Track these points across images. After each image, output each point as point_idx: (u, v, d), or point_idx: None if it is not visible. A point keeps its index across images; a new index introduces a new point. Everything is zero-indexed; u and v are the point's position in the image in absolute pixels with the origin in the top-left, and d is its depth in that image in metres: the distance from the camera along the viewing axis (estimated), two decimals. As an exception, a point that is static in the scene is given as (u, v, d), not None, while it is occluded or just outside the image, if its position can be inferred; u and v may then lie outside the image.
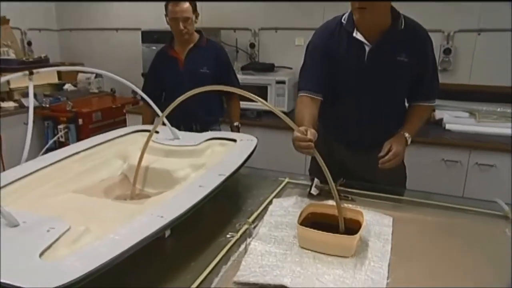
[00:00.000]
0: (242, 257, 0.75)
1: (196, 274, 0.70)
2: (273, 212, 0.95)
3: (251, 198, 1.05)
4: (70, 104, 2.43)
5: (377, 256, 0.76)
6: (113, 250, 0.58)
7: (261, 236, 0.83)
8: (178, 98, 0.91)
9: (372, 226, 0.88)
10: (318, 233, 0.76)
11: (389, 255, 0.77)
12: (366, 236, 0.83)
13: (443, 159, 1.83)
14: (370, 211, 0.94)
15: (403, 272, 0.72)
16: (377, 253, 0.77)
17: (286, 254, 0.76)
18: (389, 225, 0.89)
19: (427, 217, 0.94)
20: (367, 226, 0.87)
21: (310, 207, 0.87)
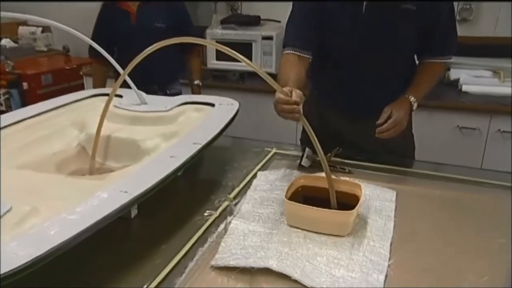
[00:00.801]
0: (222, 238, 0.77)
1: (168, 258, 0.72)
2: (258, 187, 0.97)
3: (232, 171, 1.06)
4: (11, 64, 2.33)
5: (377, 235, 0.78)
6: (66, 232, 0.58)
7: (243, 214, 0.85)
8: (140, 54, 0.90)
9: (372, 201, 0.90)
10: (309, 209, 0.78)
11: (392, 234, 0.79)
12: (365, 212, 0.85)
13: (459, 126, 1.86)
14: (370, 185, 0.96)
15: (407, 252, 0.75)
16: (377, 232, 0.79)
17: (272, 234, 0.78)
18: (391, 200, 0.91)
19: (437, 191, 0.96)
20: (366, 201, 0.89)
21: (300, 180, 0.88)
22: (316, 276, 0.67)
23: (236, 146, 1.32)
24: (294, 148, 1.21)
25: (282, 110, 0.86)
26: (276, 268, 0.67)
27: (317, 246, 0.74)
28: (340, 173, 1.03)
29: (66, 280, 0.67)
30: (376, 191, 0.94)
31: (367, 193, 0.92)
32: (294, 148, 1.20)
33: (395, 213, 0.86)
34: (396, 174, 1.05)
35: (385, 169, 1.07)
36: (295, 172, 1.03)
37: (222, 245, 0.75)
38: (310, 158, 1.07)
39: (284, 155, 1.17)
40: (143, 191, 0.71)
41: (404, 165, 1.11)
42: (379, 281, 0.66)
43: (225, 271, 0.69)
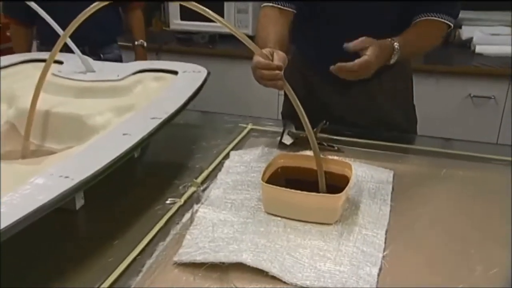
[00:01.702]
0: (187, 230, 0.78)
1: (121, 255, 0.72)
2: (231, 169, 0.98)
3: (200, 151, 1.07)
4: None
5: (370, 222, 0.81)
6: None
7: (213, 201, 0.86)
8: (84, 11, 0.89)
9: (365, 183, 0.92)
10: (289, 193, 0.79)
11: (387, 221, 0.81)
12: (356, 196, 0.88)
13: (471, 95, 1.90)
14: (363, 164, 0.99)
15: (405, 242, 0.77)
16: (371, 218, 0.82)
17: (247, 223, 0.79)
18: (388, 182, 0.93)
19: (442, 170, 0.99)
20: (358, 183, 0.91)
21: (280, 159, 0.90)
22: (298, 270, 0.69)
23: (205, 121, 1.33)
24: (273, 123, 1.22)
25: (261, 76, 0.87)
26: (251, 262, 0.69)
27: (299, 237, 0.76)
28: (327, 151, 1.05)
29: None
30: (370, 171, 0.96)
31: (359, 174, 0.94)
32: (274, 124, 1.22)
33: (392, 197, 0.89)
34: (393, 152, 1.08)
35: (380, 146, 1.09)
36: (274, 151, 1.05)
37: (187, 238, 0.76)
38: (293, 135, 1.08)
39: (262, 131, 1.18)
40: (89, 176, 0.71)
41: (403, 141, 1.13)
42: (372, 275, 0.69)
43: (190, 268, 0.70)
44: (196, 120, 1.31)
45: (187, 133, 1.20)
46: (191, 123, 1.27)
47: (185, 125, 1.23)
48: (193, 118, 1.29)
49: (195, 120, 1.30)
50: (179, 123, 1.12)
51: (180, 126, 1.20)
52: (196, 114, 1.32)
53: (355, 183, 0.91)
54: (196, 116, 1.32)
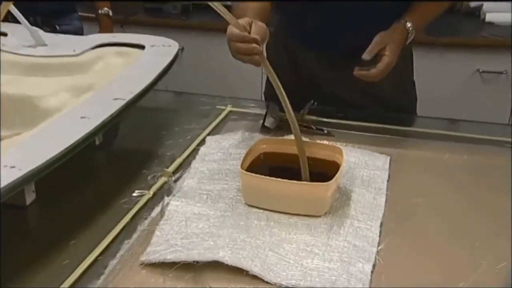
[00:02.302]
0: (156, 225, 0.78)
1: (80, 256, 0.72)
2: (207, 156, 0.98)
3: (171, 137, 1.07)
4: None
5: (364, 213, 0.82)
6: None
7: (186, 193, 0.86)
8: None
9: (359, 170, 0.93)
10: (272, 182, 0.80)
11: (383, 212, 0.83)
12: (348, 184, 0.88)
13: (479, 70, 1.92)
14: (356, 149, 1.00)
15: (402, 235, 0.78)
16: (364, 209, 0.83)
17: (224, 217, 0.80)
18: (384, 168, 0.94)
19: (445, 155, 1.00)
20: (350, 170, 0.92)
21: (262, 145, 0.90)
22: (282, 269, 0.69)
23: (177, 103, 1.32)
24: (255, 104, 1.23)
25: (237, 50, 0.86)
26: (229, 260, 0.69)
27: (284, 231, 0.77)
28: (316, 135, 1.06)
29: None
30: (363, 157, 0.97)
31: (351, 159, 0.95)
32: (255, 105, 1.22)
33: (387, 185, 0.90)
34: (390, 135, 1.09)
35: (376, 128, 1.10)
36: (256, 135, 1.05)
37: (157, 234, 0.76)
38: (277, 117, 1.09)
39: (243, 114, 1.18)
40: (40, 165, 0.70)
41: (401, 122, 1.15)
42: (365, 272, 0.69)
43: (160, 269, 0.70)
44: (167, 101, 1.30)
45: (157, 117, 1.20)
46: (161, 105, 1.27)
47: (154, 108, 1.23)
48: (163, 100, 1.29)
49: (166, 102, 1.30)
50: (147, 106, 1.12)
51: (149, 108, 1.19)
52: (166, 95, 1.32)
53: (346, 170, 0.91)
54: (167, 97, 1.32)
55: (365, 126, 1.11)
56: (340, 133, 1.08)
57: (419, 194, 0.88)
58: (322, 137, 1.05)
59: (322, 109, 1.12)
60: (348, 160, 0.94)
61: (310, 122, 1.09)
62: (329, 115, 1.13)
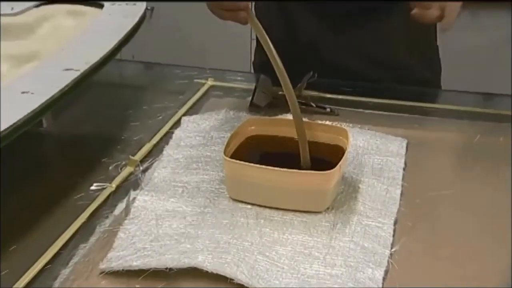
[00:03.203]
0: (120, 226, 0.78)
1: (22, 266, 0.71)
2: (182, 141, 0.98)
3: (139, 117, 1.07)
4: None
5: (374, 208, 0.82)
6: None
7: (157, 185, 0.87)
8: None
9: (368, 157, 0.93)
10: (263, 171, 0.79)
11: (397, 207, 0.83)
12: (355, 173, 0.89)
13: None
14: (366, 130, 1.00)
15: (421, 234, 0.78)
16: (374, 204, 0.83)
17: (204, 214, 0.80)
18: (399, 154, 0.95)
19: (476, 137, 1.01)
20: (358, 156, 0.92)
21: (250, 126, 0.90)
22: (274, 276, 0.69)
23: (146, 76, 1.32)
24: (243, 77, 1.23)
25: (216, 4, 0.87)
26: (210, 266, 0.69)
27: (276, 230, 0.77)
28: (317, 114, 1.06)
29: None
30: (374, 140, 0.97)
31: (359, 143, 0.95)
32: (242, 78, 1.23)
33: (404, 175, 0.90)
34: (407, 113, 1.09)
35: (389, 105, 1.11)
36: (243, 115, 1.05)
37: (121, 237, 0.76)
38: (269, 93, 1.09)
39: (227, 89, 1.19)
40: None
41: (421, 97, 1.15)
42: (375, 279, 0.70)
43: (124, 278, 0.70)
44: (133, 74, 1.30)
45: (120, 93, 1.20)
46: (125, 79, 1.26)
47: (117, 82, 1.23)
48: (128, 72, 1.29)
49: (132, 75, 1.29)
50: (108, 79, 1.12)
51: (110, 83, 1.19)
52: (132, 66, 1.32)
53: (353, 157, 0.92)
54: (133, 68, 1.31)
55: (377, 102, 1.11)
56: (346, 112, 1.08)
57: (442, 185, 0.89)
58: (323, 117, 1.05)
59: (323, 82, 1.12)
60: (356, 144, 0.94)
61: (309, 99, 1.09)
62: (332, 89, 1.13)
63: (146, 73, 1.34)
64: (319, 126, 0.91)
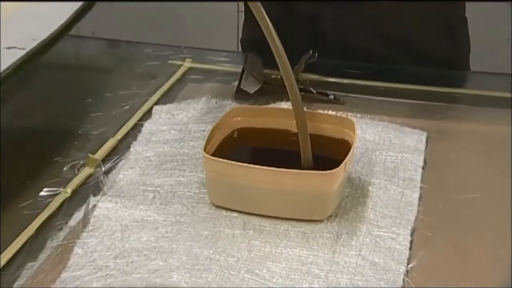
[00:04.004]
0: (76, 240, 0.78)
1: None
2: (154, 135, 0.99)
3: (100, 107, 1.08)
4: None
5: (387, 216, 0.82)
6: None
7: (123, 189, 0.87)
8: None
9: (380, 153, 0.94)
10: (252, 171, 0.79)
11: (415, 214, 0.83)
12: (364, 173, 0.89)
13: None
14: (377, 122, 1.00)
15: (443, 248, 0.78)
16: (387, 210, 0.83)
17: (181, 224, 0.80)
18: (417, 150, 0.95)
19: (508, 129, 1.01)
20: (367, 153, 0.93)
21: (236, 117, 0.90)
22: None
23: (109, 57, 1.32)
24: (228, 57, 1.24)
25: None
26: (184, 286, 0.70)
27: (268, 243, 0.77)
28: (318, 102, 1.07)
29: None
30: (387, 132, 0.98)
31: (369, 137, 0.96)
32: (227, 58, 1.23)
33: (423, 175, 0.90)
34: (427, 101, 1.10)
35: (406, 91, 1.11)
36: (228, 104, 1.06)
37: (77, 253, 0.76)
38: (260, 76, 1.09)
39: (208, 72, 1.19)
40: None
41: (445, 81, 1.16)
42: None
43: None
44: (94, 54, 1.29)
45: (78, 77, 1.19)
46: (84, 59, 1.26)
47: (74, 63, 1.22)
48: (88, 51, 1.28)
49: (92, 55, 1.29)
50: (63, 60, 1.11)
51: (65, 64, 1.19)
52: (93, 44, 1.32)
53: (361, 153, 0.92)
54: (94, 47, 1.31)
55: (390, 87, 1.12)
56: (353, 99, 1.09)
57: (470, 187, 0.89)
58: (325, 105, 1.05)
59: (325, 64, 1.13)
60: (364, 138, 0.95)
61: (308, 83, 1.09)
62: (336, 72, 1.14)
63: (110, 52, 1.33)
64: (320, 116, 0.91)
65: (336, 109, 1.04)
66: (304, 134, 0.84)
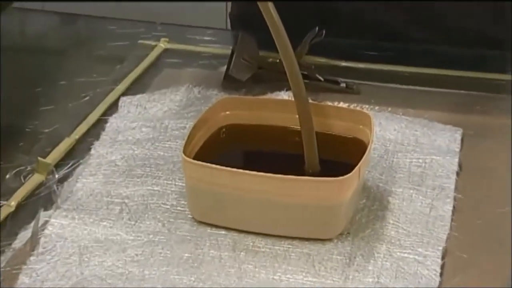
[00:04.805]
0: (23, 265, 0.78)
1: None
2: (121, 134, 1.00)
3: (53, 97, 1.09)
4: None
5: (412, 233, 0.83)
6: None
7: (81, 202, 0.87)
8: None
9: (404, 156, 0.94)
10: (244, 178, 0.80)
11: (447, 231, 0.84)
12: (383, 180, 0.90)
13: None
14: (399, 116, 1.01)
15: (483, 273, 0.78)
16: (412, 226, 0.84)
17: (154, 244, 0.80)
18: (451, 151, 0.96)
19: None
20: (387, 155, 0.94)
21: (224, 111, 0.91)
22: None
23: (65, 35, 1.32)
24: (213, 36, 1.25)
25: None
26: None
27: (264, 267, 0.78)
28: (326, 91, 1.07)
29: None
30: (412, 129, 0.99)
31: (390, 135, 0.97)
32: (213, 37, 1.24)
33: (457, 182, 0.91)
34: (464, 90, 1.11)
35: (437, 78, 1.12)
36: (214, 94, 1.07)
37: (24, 282, 0.76)
38: (253, 59, 1.09)
39: (189, 54, 1.20)
40: None
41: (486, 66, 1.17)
42: None
43: None
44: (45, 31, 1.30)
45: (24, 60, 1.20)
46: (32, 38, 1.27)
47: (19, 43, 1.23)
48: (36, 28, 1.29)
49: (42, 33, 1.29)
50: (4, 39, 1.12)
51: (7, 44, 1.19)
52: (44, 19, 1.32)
53: (380, 155, 0.93)
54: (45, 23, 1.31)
55: (416, 73, 1.13)
56: (370, 87, 1.10)
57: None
58: (335, 95, 1.06)
59: (335, 43, 1.14)
60: (384, 137, 0.96)
61: (314, 68, 1.10)
62: (349, 53, 1.15)
63: (64, 29, 1.33)
64: (329, 110, 0.92)
65: (349, 100, 1.05)
66: (308, 132, 0.85)
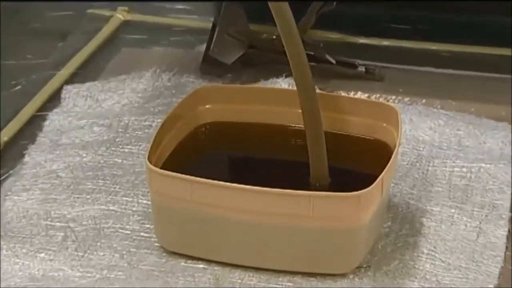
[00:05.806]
0: None
1: None
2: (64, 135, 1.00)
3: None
4: None
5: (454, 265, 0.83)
6: None
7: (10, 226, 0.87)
8: None
9: (442, 163, 0.95)
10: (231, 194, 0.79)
11: (502, 264, 0.84)
12: (414, 195, 0.91)
13: None
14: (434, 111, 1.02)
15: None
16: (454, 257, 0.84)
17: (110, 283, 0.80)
18: (505, 157, 0.96)
19: None
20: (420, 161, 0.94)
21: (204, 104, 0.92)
22: None
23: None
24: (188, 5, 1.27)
25: None
26: None
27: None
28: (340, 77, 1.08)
29: None
30: (454, 128, 0.99)
31: (423, 135, 0.97)
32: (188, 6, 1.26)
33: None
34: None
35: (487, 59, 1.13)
36: (190, 82, 1.08)
37: None
38: (241, 35, 1.10)
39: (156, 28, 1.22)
40: None
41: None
42: None
43: None
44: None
45: None
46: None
47: None
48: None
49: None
50: None
51: None
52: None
53: (411, 163, 0.94)
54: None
55: (460, 53, 1.15)
56: (397, 72, 1.11)
57: None
58: (351, 83, 1.08)
59: (351, 15, 1.15)
60: (416, 138, 0.96)
61: (324, 47, 1.10)
62: (369, 28, 1.16)
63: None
64: (343, 102, 0.92)
65: (370, 89, 1.06)
66: (315, 132, 0.85)
